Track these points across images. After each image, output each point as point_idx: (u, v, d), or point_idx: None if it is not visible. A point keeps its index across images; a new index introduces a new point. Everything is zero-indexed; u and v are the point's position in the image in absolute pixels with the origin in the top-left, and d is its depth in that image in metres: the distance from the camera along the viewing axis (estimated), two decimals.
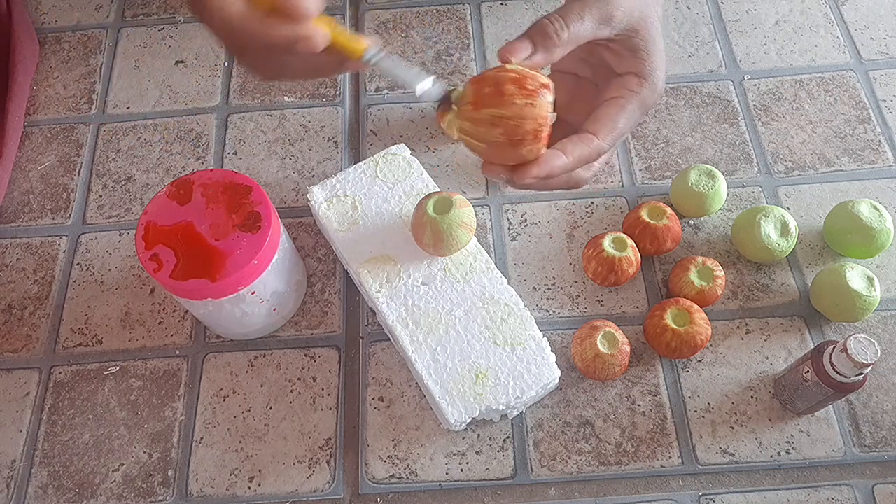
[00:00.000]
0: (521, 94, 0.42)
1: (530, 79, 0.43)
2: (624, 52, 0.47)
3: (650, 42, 0.47)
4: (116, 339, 0.65)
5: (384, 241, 0.63)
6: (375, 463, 0.59)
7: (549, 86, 0.44)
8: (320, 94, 0.78)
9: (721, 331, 0.64)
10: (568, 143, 0.45)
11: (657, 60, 0.47)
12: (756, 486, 0.58)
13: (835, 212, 0.66)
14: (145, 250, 0.55)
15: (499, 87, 0.43)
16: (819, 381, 0.53)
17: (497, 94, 0.43)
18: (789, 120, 0.74)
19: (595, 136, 0.46)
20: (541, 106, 0.43)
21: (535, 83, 0.43)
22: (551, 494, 0.58)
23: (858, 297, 0.60)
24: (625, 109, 0.47)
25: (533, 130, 0.43)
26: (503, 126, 0.43)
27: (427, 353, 0.58)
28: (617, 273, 0.63)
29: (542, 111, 0.43)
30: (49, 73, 0.81)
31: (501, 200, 0.71)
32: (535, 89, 0.43)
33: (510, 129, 0.43)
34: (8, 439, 0.61)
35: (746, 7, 0.82)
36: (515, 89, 0.43)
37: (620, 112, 0.47)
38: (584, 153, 0.45)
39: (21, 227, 0.71)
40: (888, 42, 0.78)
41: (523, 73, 0.43)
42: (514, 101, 0.43)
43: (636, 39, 0.46)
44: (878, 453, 0.58)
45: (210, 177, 0.58)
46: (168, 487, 0.59)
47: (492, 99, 0.43)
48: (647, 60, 0.47)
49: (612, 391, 0.61)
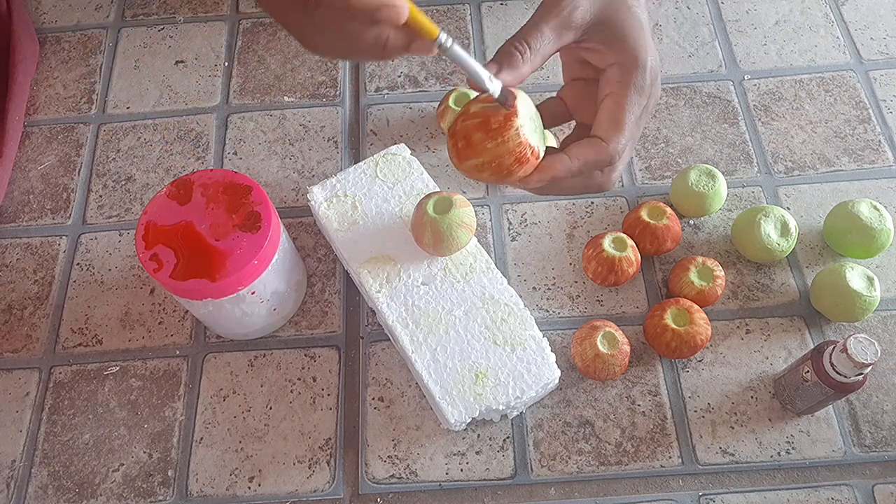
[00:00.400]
0: (489, 138, 0.43)
1: (493, 117, 0.43)
2: (599, 47, 0.46)
3: (622, 26, 0.45)
4: (116, 339, 0.65)
5: (384, 241, 0.63)
6: (375, 463, 0.59)
7: (513, 112, 0.43)
8: (320, 94, 0.78)
9: (721, 331, 0.64)
10: (574, 147, 0.45)
11: (636, 41, 0.46)
12: (756, 486, 0.58)
13: (835, 212, 0.66)
14: (145, 250, 0.55)
15: (468, 139, 0.44)
16: (819, 381, 0.53)
17: (468, 145, 0.44)
18: (789, 120, 0.74)
19: (602, 139, 0.45)
20: (513, 137, 0.43)
21: (498, 119, 0.43)
22: (551, 494, 0.58)
23: (858, 297, 0.60)
24: (621, 104, 0.46)
25: (516, 160, 0.44)
26: (488, 169, 0.44)
27: (427, 353, 0.58)
28: (617, 273, 0.63)
29: (517, 140, 0.43)
30: (49, 73, 0.81)
31: (501, 200, 0.71)
32: (499, 126, 0.43)
33: (494, 168, 0.44)
34: (8, 439, 0.61)
35: (746, 7, 0.82)
36: (482, 135, 0.43)
37: (617, 108, 0.46)
38: (592, 157, 0.45)
39: (21, 227, 0.71)
40: (888, 42, 0.78)
41: (485, 113, 0.44)
42: (486, 146, 0.43)
43: (606, 29, 0.45)
44: (878, 453, 0.58)
45: (210, 177, 0.58)
46: (168, 487, 0.59)
47: (467, 151, 0.44)
48: (624, 47, 0.45)
49: (612, 391, 0.61)
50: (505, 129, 0.43)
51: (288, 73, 0.79)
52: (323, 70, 0.79)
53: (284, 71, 0.79)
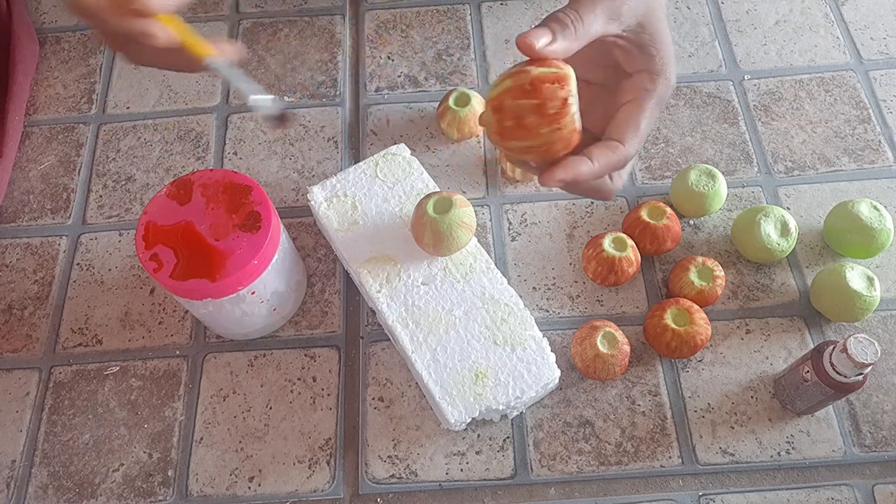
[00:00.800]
0: (544, 123, 0.41)
1: (550, 101, 0.41)
2: (633, 49, 0.47)
3: (658, 37, 0.46)
4: (116, 339, 0.65)
5: (384, 241, 0.63)
6: (375, 463, 0.59)
7: (567, 96, 0.41)
8: (320, 94, 0.78)
9: (721, 331, 0.64)
10: (594, 149, 0.45)
11: (667, 54, 0.47)
12: (756, 486, 0.58)
13: (835, 212, 0.66)
14: (145, 250, 0.55)
15: (520, 121, 0.41)
16: (819, 381, 0.53)
17: (519, 126, 0.42)
18: (789, 120, 0.74)
19: (620, 142, 0.45)
20: (568, 124, 0.41)
21: (555, 104, 0.41)
22: (551, 494, 0.58)
23: (858, 297, 0.60)
24: (643, 110, 0.46)
25: (564, 146, 0.43)
26: (534, 153, 0.43)
27: (427, 353, 0.58)
28: (617, 273, 0.63)
29: (571, 126, 0.42)
30: (49, 73, 0.81)
31: (501, 200, 0.71)
32: (556, 112, 0.41)
33: (541, 153, 0.43)
34: (8, 439, 0.61)
35: (746, 7, 0.82)
36: (537, 119, 0.41)
37: (640, 114, 0.46)
38: (612, 160, 0.45)
39: (21, 227, 0.71)
40: (888, 42, 0.78)
41: (542, 93, 0.41)
42: (539, 132, 0.41)
43: (644, 35, 0.46)
44: (878, 453, 0.58)
45: (210, 177, 0.58)
46: (168, 487, 0.59)
47: (515, 132, 0.42)
48: (657, 56, 0.46)
49: (612, 391, 0.61)
50: (562, 114, 0.41)
51: (288, 73, 0.79)
52: (323, 70, 0.79)
53: (284, 71, 0.79)
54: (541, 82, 0.41)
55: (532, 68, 0.42)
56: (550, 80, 0.41)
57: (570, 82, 0.42)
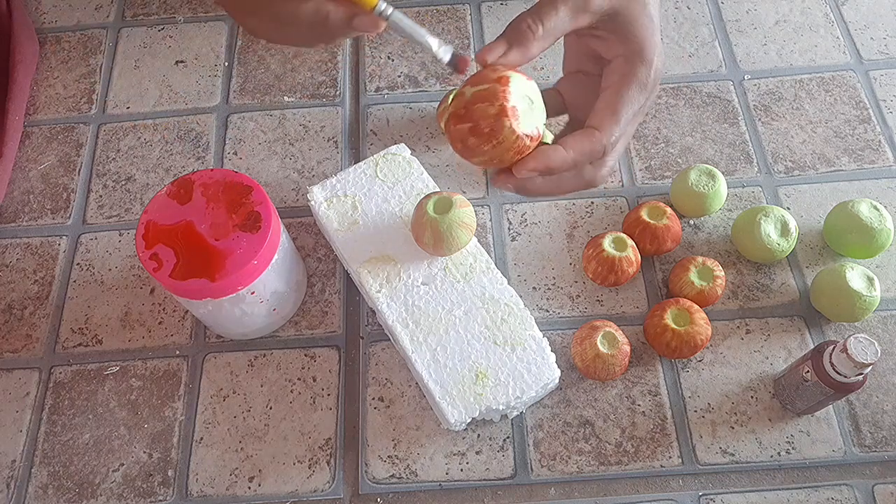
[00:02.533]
0: (484, 142, 0.43)
1: (482, 121, 0.42)
2: (608, 37, 0.46)
3: (634, 21, 0.45)
4: (116, 339, 0.65)
5: (384, 241, 0.63)
6: (375, 463, 0.59)
7: (496, 112, 0.42)
8: (320, 94, 0.78)
9: (721, 331, 0.64)
10: (568, 138, 0.44)
11: (644, 36, 0.46)
12: (756, 486, 0.58)
13: (835, 212, 0.66)
14: (145, 249, 0.55)
15: (464, 143, 0.44)
16: (819, 381, 0.53)
17: (466, 148, 0.44)
18: (789, 120, 0.74)
19: (596, 129, 0.45)
20: (507, 136, 0.42)
21: (487, 122, 0.42)
22: (551, 494, 0.58)
23: (858, 297, 0.60)
24: (621, 96, 0.45)
25: (516, 153, 0.43)
26: (491, 165, 0.44)
27: (427, 353, 0.58)
28: (617, 273, 0.63)
29: (512, 137, 0.42)
30: (49, 73, 0.81)
31: (501, 200, 0.71)
32: (490, 129, 0.42)
33: (497, 164, 0.44)
34: (8, 439, 0.61)
35: (746, 7, 0.82)
36: (476, 140, 0.43)
37: (617, 99, 0.45)
38: (587, 147, 0.44)
39: (21, 227, 0.71)
40: (888, 42, 0.78)
41: (474, 115, 0.43)
42: (483, 149, 0.43)
43: (618, 20, 0.45)
44: (878, 453, 0.58)
45: (210, 176, 0.58)
46: (168, 487, 0.59)
47: (466, 153, 0.44)
48: (632, 40, 0.45)
49: (612, 391, 0.61)
50: (497, 130, 0.42)
51: (288, 73, 0.79)
52: (323, 70, 0.79)
53: (284, 71, 0.79)
54: (472, 104, 0.43)
55: (467, 88, 0.43)
56: (481, 100, 0.43)
57: (501, 95, 0.42)
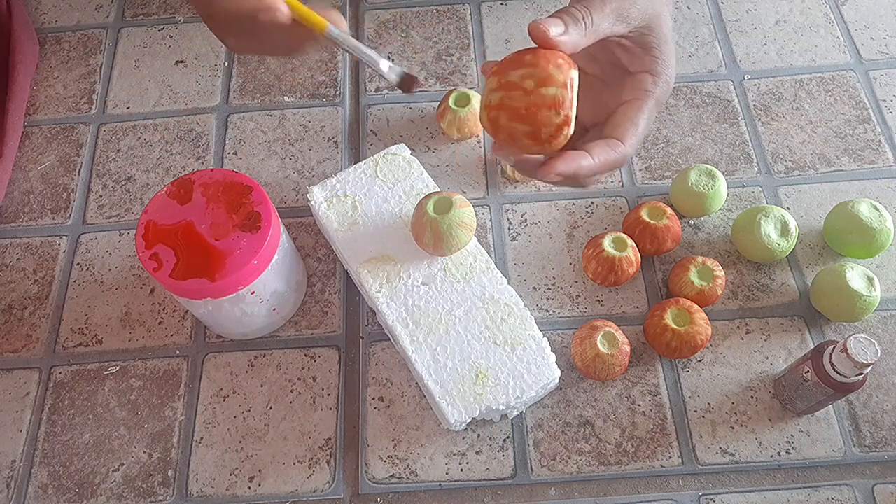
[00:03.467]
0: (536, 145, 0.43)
1: (544, 127, 0.42)
2: (637, 50, 0.47)
3: (662, 40, 0.47)
4: (116, 339, 0.65)
5: (384, 241, 0.63)
6: (375, 463, 0.59)
7: (561, 122, 0.42)
8: (320, 94, 0.78)
9: (721, 331, 0.64)
10: (595, 147, 0.45)
11: (669, 57, 0.47)
12: (756, 486, 0.58)
13: (835, 212, 0.66)
14: (145, 249, 0.55)
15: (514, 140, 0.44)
16: (819, 381, 0.53)
17: (511, 139, 0.44)
18: (789, 120, 0.74)
19: (621, 141, 0.46)
20: (561, 141, 0.43)
21: (549, 130, 0.42)
22: (551, 494, 0.58)
23: (858, 297, 0.60)
24: (643, 111, 0.47)
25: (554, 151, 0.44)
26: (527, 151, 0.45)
27: (427, 353, 0.58)
28: (617, 273, 0.63)
29: (566, 140, 0.43)
30: (49, 73, 0.81)
31: (501, 200, 0.71)
32: (549, 136, 0.43)
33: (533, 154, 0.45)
34: (8, 439, 0.61)
35: (746, 7, 0.82)
36: (530, 142, 0.43)
37: (640, 114, 0.47)
38: (612, 158, 0.46)
39: (21, 227, 0.71)
40: (888, 42, 0.78)
41: (538, 122, 0.43)
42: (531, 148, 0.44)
43: (650, 37, 0.47)
44: (878, 453, 0.58)
45: (211, 176, 0.58)
46: (168, 487, 0.59)
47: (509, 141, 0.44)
48: (660, 58, 0.47)
49: (612, 391, 0.61)
50: (554, 137, 0.43)
51: (288, 73, 0.79)
52: (323, 70, 0.79)
53: (284, 71, 0.79)
54: (536, 108, 0.42)
55: (529, 83, 0.42)
56: (546, 106, 0.42)
57: (567, 101, 0.42)
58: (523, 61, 0.43)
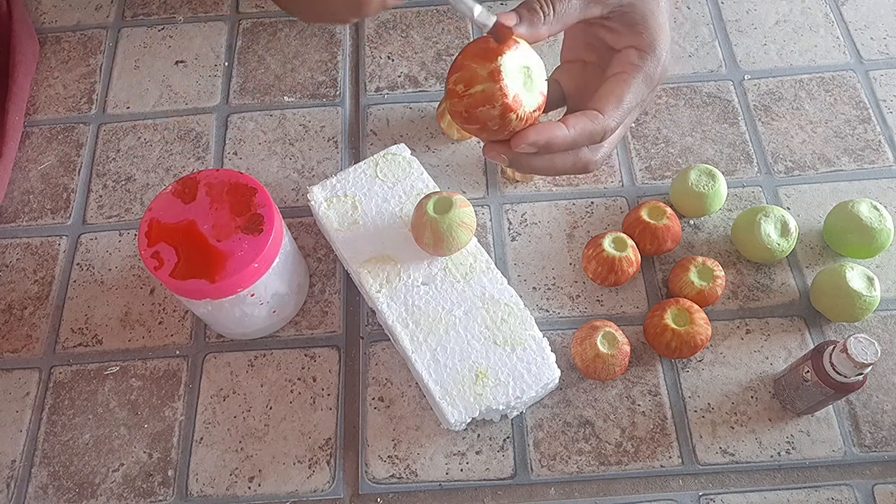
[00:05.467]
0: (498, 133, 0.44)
1: (488, 122, 0.44)
2: (620, 28, 0.46)
3: (648, 15, 0.46)
4: (116, 339, 0.65)
5: (384, 241, 0.63)
6: (375, 463, 0.59)
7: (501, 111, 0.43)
8: (320, 94, 0.78)
9: (721, 331, 0.64)
10: (570, 117, 0.44)
11: (657, 32, 0.46)
12: (756, 486, 0.58)
13: (835, 212, 0.66)
14: (147, 247, 0.55)
15: (478, 136, 0.45)
16: (819, 381, 0.53)
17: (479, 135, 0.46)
18: (789, 120, 0.74)
19: (599, 112, 0.45)
20: (516, 124, 0.43)
21: (494, 122, 0.43)
22: (551, 494, 0.58)
23: (858, 297, 0.60)
24: (628, 84, 0.45)
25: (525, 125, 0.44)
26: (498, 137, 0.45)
27: (427, 353, 0.58)
28: (617, 273, 0.63)
29: (521, 121, 0.43)
30: (49, 73, 0.81)
31: (501, 200, 0.71)
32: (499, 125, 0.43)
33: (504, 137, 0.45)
34: (8, 439, 0.61)
35: (746, 7, 0.82)
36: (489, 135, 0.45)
37: (624, 87, 0.45)
38: (588, 128, 0.44)
39: (21, 227, 0.71)
40: (888, 42, 0.78)
41: (480, 120, 0.44)
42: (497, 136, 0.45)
43: (632, 14, 0.45)
44: (878, 453, 0.58)
45: (216, 176, 0.58)
46: (168, 487, 0.59)
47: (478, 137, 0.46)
48: (644, 33, 0.46)
49: (612, 391, 0.61)
50: (506, 124, 0.43)
51: (288, 73, 0.79)
52: (323, 70, 0.79)
53: (284, 71, 0.79)
54: (473, 108, 0.43)
55: (460, 87, 0.43)
56: (481, 103, 0.43)
57: (497, 92, 0.43)
58: (455, 65, 0.44)
